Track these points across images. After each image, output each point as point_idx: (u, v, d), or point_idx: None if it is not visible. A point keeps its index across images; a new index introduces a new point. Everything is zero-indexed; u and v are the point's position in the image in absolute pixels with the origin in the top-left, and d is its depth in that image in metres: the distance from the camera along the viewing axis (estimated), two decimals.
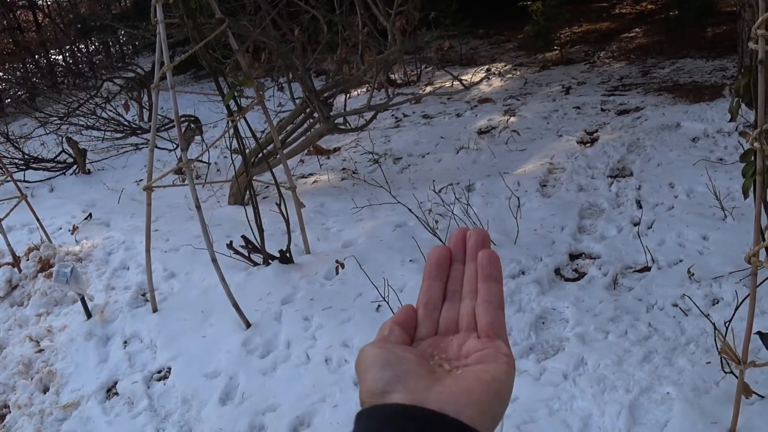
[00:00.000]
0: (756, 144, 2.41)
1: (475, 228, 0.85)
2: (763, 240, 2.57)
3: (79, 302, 4.52)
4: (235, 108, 4.34)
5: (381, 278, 4.12)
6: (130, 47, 17.03)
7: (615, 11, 14.40)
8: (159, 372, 3.91)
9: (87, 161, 8.13)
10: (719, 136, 6.21)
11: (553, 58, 11.07)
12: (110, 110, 9.18)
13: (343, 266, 4.45)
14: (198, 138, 7.94)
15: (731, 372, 2.96)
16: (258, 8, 5.94)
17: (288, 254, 4.70)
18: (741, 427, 2.82)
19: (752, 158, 2.52)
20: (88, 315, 4.51)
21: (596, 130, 7.05)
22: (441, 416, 0.67)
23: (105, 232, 5.92)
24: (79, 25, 14.78)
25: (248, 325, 4.04)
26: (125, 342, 4.26)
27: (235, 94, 4.28)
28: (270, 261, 4.69)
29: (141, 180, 7.06)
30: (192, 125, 7.95)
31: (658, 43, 11.00)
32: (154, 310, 4.47)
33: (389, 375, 0.71)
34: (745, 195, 2.64)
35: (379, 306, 4.04)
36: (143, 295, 4.73)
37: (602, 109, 7.78)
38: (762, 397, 2.97)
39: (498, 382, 0.72)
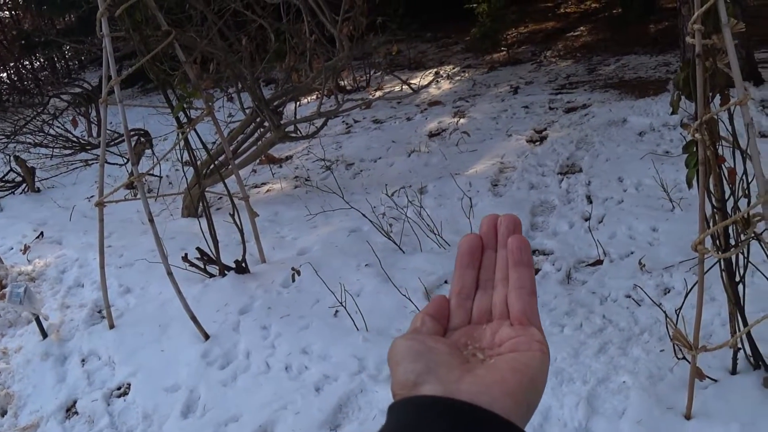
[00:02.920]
0: (697, 135, 2.48)
1: (506, 214, 0.83)
2: (708, 228, 2.63)
3: (34, 322, 4.47)
4: (185, 120, 4.33)
5: (337, 284, 4.14)
6: (76, 62, 16.84)
7: (560, 11, 14.56)
8: (118, 388, 3.88)
9: (36, 179, 8.02)
10: (665, 129, 6.33)
11: (500, 58, 11.17)
12: (58, 127, 9.06)
13: (299, 273, 4.46)
14: (149, 151, 7.89)
15: (684, 358, 3.02)
16: (205, 19, 5.93)
17: (243, 264, 4.69)
18: (696, 410, 2.89)
19: (694, 149, 2.58)
20: (44, 335, 4.45)
21: (545, 129, 7.13)
22: (473, 407, 0.65)
23: (58, 250, 5.85)
24: (23, 41, 14.58)
25: (207, 336, 4.03)
26: (83, 360, 4.22)
27: (184, 105, 4.27)
28: (226, 272, 4.69)
29: (92, 196, 6.98)
30: (142, 139, 7.88)
31: (602, 41, 11.16)
32: (111, 326, 4.43)
33: (420, 367, 0.70)
34: (689, 185, 2.70)
35: (336, 311, 4.06)
36: (99, 312, 4.68)
37: (550, 108, 7.88)
38: (715, 380, 3.04)
39: (532, 371, 0.71)
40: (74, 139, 9.08)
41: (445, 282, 4.30)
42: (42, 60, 16.10)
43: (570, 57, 10.65)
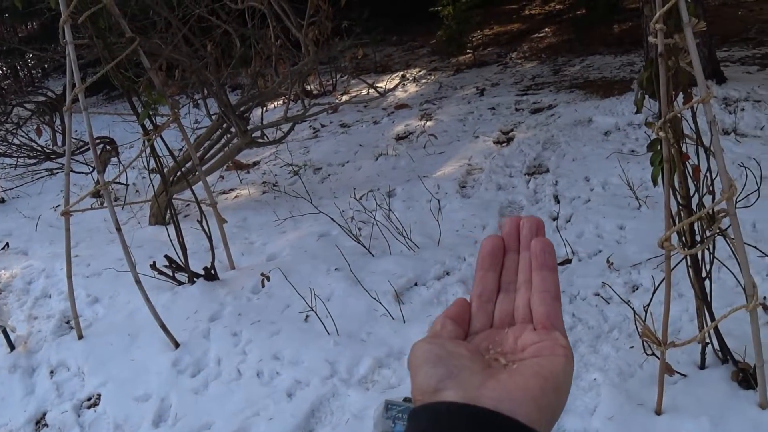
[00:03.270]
0: (661, 133, 2.50)
1: (529, 216, 0.82)
2: (674, 225, 2.66)
3: (1, 334, 4.41)
4: (151, 127, 4.30)
5: (307, 289, 4.13)
6: (40, 70, 16.66)
7: (524, 12, 14.64)
8: (89, 399, 3.85)
9: (0, 189, 7.93)
10: (630, 128, 6.40)
11: (466, 61, 11.22)
12: (22, 136, 8.93)
13: (268, 279, 4.45)
14: (114, 159, 7.82)
15: (653, 354, 3.05)
16: (169, 25, 5.89)
17: (213, 271, 4.67)
18: (666, 405, 2.92)
19: (659, 147, 2.61)
20: (11, 347, 4.40)
21: (512, 130, 7.17)
22: (495, 414, 0.64)
23: (24, 261, 5.78)
24: None
25: (177, 345, 4.01)
26: (52, 371, 4.17)
27: (150, 112, 4.25)
28: (195, 279, 4.66)
29: (58, 206, 6.92)
30: (108, 147, 7.81)
31: (567, 42, 11.24)
32: (80, 336, 4.39)
33: (441, 372, 0.69)
34: (654, 182, 2.73)
35: (307, 316, 4.05)
36: (68, 322, 4.63)
37: (516, 109, 7.93)
38: (684, 375, 3.08)
39: (556, 376, 0.69)
40: (39, 148, 8.96)
41: (415, 284, 4.31)
42: (4, 68, 15.90)
43: (535, 58, 10.72)
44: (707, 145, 2.63)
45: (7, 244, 6.33)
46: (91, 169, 7.45)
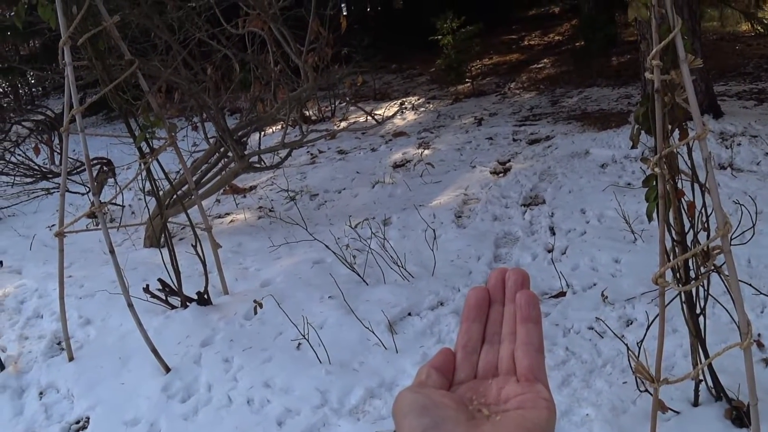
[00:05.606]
0: (656, 169, 2.50)
1: (515, 268, 0.83)
2: (669, 261, 2.66)
3: None
4: (148, 149, 4.30)
5: (300, 316, 4.11)
6: (40, 89, 16.72)
7: (524, 43, 14.75)
8: (77, 422, 3.81)
9: None
10: (626, 161, 6.41)
11: (465, 90, 11.28)
12: (20, 154, 8.96)
13: (261, 306, 4.42)
14: (111, 181, 7.82)
15: (647, 390, 3.04)
16: (169, 48, 5.91)
17: (206, 296, 4.65)
18: None
19: (654, 183, 2.61)
20: (2, 367, 4.37)
21: (509, 160, 7.19)
22: None
23: (17, 280, 5.76)
24: None
25: (167, 369, 3.98)
26: (41, 393, 4.14)
27: (147, 135, 4.25)
28: (188, 303, 4.64)
29: (53, 225, 6.90)
30: (104, 168, 7.82)
31: (566, 73, 11.31)
32: (71, 358, 4.36)
33: (427, 422, 0.69)
34: (649, 218, 2.73)
35: (299, 344, 4.03)
36: (59, 343, 4.60)
37: (514, 139, 7.95)
38: (677, 412, 3.06)
39: (539, 429, 0.70)
40: (36, 167, 8.98)
41: (409, 314, 4.30)
42: (4, 86, 15.95)
43: (534, 89, 10.78)
44: (702, 181, 2.63)
45: (1, 262, 6.30)
46: (87, 189, 7.44)
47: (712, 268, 2.70)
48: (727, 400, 3.03)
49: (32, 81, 16.12)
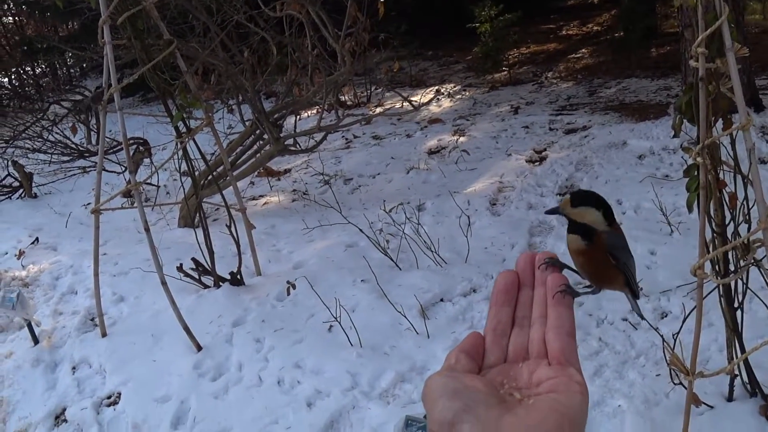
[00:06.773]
0: (699, 159, 2.46)
1: (544, 251, 0.84)
2: (708, 253, 2.61)
3: (26, 328, 4.43)
4: (184, 130, 4.32)
5: (333, 299, 4.11)
6: (78, 69, 16.82)
7: (562, 32, 14.60)
8: (109, 397, 3.85)
9: (33, 185, 7.99)
10: (664, 153, 6.33)
11: (501, 78, 11.19)
12: (57, 133, 9.04)
13: (294, 287, 4.43)
14: (147, 160, 7.87)
15: (681, 383, 3.00)
16: (207, 30, 5.93)
17: (239, 276, 4.67)
18: None
19: (695, 173, 2.57)
20: (36, 341, 4.42)
21: (545, 149, 7.13)
22: None
23: (52, 257, 5.82)
24: (25, 47, 14.56)
25: (199, 348, 4.00)
26: (74, 368, 4.19)
27: (184, 115, 4.26)
28: (221, 283, 4.66)
29: (89, 203, 6.96)
30: (141, 147, 7.86)
31: (604, 64, 11.19)
32: (104, 334, 4.40)
33: (458, 405, 0.68)
34: (690, 209, 2.68)
35: (331, 326, 4.03)
36: (92, 319, 4.65)
37: (550, 129, 7.89)
38: (711, 407, 3.02)
39: (572, 413, 0.69)
40: (73, 145, 9.06)
41: (441, 300, 4.28)
42: (43, 66, 16.07)
43: (571, 79, 10.68)
44: (745, 172, 2.58)
45: (37, 239, 6.37)
46: (124, 168, 7.50)
47: (752, 261, 2.66)
48: (763, 396, 2.99)
49: (71, 61, 16.22)
